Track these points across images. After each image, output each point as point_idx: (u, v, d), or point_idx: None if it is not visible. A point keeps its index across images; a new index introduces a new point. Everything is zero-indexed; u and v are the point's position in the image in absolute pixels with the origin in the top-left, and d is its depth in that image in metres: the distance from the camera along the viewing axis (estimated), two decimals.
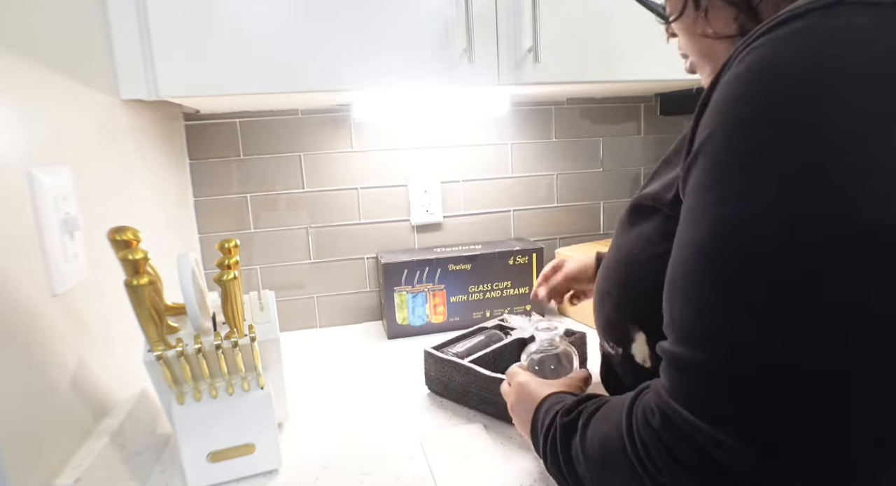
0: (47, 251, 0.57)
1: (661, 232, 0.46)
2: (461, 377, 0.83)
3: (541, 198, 1.34)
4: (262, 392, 0.68)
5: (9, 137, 0.53)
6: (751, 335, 0.31)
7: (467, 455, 0.71)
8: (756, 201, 0.31)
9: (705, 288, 0.34)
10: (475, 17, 0.87)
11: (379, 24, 0.85)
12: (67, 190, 0.62)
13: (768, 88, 0.32)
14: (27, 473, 0.50)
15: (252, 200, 1.18)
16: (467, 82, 0.89)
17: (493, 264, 1.18)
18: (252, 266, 1.20)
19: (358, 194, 1.23)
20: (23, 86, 0.57)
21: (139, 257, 0.60)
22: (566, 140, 1.32)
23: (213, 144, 1.14)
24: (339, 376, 0.99)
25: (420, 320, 1.17)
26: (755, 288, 0.31)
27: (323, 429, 0.80)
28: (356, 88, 0.86)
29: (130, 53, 0.78)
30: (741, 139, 0.33)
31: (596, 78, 0.95)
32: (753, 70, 0.33)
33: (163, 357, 0.62)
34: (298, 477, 0.69)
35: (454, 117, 1.25)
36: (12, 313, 0.51)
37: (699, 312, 0.34)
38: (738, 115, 0.33)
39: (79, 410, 0.61)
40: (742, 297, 0.32)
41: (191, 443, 0.66)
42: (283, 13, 0.81)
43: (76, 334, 0.62)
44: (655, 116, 1.36)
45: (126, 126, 0.83)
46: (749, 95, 0.33)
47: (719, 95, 0.35)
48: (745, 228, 0.32)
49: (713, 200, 0.34)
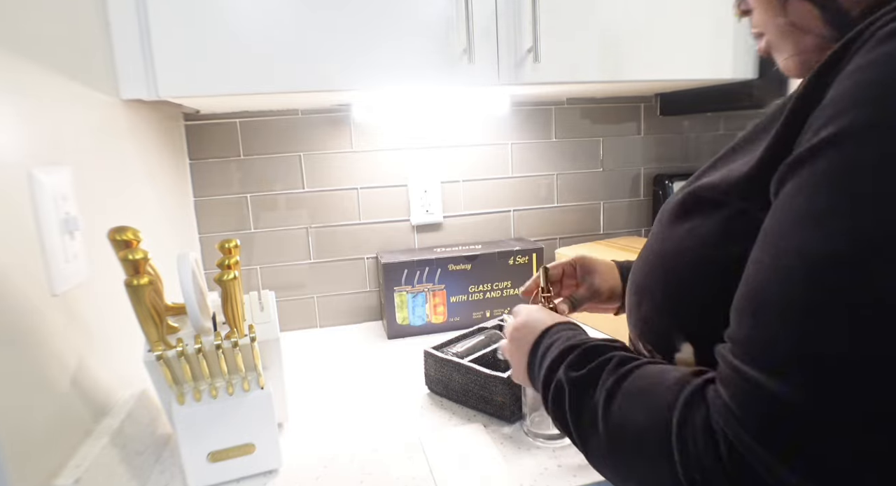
0: (47, 251, 0.57)
1: (721, 231, 0.40)
2: (461, 377, 0.83)
3: (541, 198, 1.34)
4: (262, 392, 0.68)
5: (9, 137, 0.53)
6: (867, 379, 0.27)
7: (467, 455, 0.71)
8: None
9: (818, 314, 0.29)
10: (475, 18, 0.87)
11: (379, 24, 0.85)
12: (67, 190, 0.62)
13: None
14: (27, 473, 0.50)
15: (252, 200, 1.18)
16: (467, 82, 0.89)
17: (493, 264, 1.18)
18: (252, 266, 1.20)
19: (358, 194, 1.23)
20: (23, 86, 0.57)
21: (139, 257, 0.60)
22: (566, 140, 1.32)
23: (213, 144, 1.14)
24: (339, 377, 0.99)
25: (420, 320, 1.17)
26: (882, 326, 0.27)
27: (323, 429, 0.80)
28: (356, 88, 0.86)
29: (130, 53, 0.78)
30: (879, 149, 0.28)
31: (596, 78, 0.95)
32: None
33: (163, 357, 0.62)
34: (298, 477, 0.69)
35: (454, 117, 1.25)
36: (12, 313, 0.51)
37: (803, 339, 0.29)
38: (875, 118, 0.29)
39: (79, 410, 0.61)
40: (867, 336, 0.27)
41: (191, 443, 0.66)
42: (282, 13, 0.81)
43: (76, 334, 0.62)
44: (655, 116, 1.37)
45: (126, 126, 0.83)
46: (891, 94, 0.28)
47: (849, 85, 0.30)
48: (878, 253, 0.27)
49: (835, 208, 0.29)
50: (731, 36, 1.00)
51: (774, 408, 0.30)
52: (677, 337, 0.43)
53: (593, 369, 0.43)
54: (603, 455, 0.41)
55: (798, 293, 0.30)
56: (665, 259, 0.45)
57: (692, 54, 0.99)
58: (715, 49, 1.00)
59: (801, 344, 0.29)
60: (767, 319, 0.31)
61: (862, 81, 0.30)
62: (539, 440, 0.73)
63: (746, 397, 0.31)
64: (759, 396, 0.30)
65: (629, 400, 0.39)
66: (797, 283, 0.30)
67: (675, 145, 1.40)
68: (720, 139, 1.43)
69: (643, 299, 0.47)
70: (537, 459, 0.70)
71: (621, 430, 0.38)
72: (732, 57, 1.01)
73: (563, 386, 0.44)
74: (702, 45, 0.99)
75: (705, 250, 0.41)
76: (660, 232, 0.46)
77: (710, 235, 0.41)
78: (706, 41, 0.99)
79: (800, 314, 0.29)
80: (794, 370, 0.29)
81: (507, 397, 0.77)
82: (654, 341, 0.46)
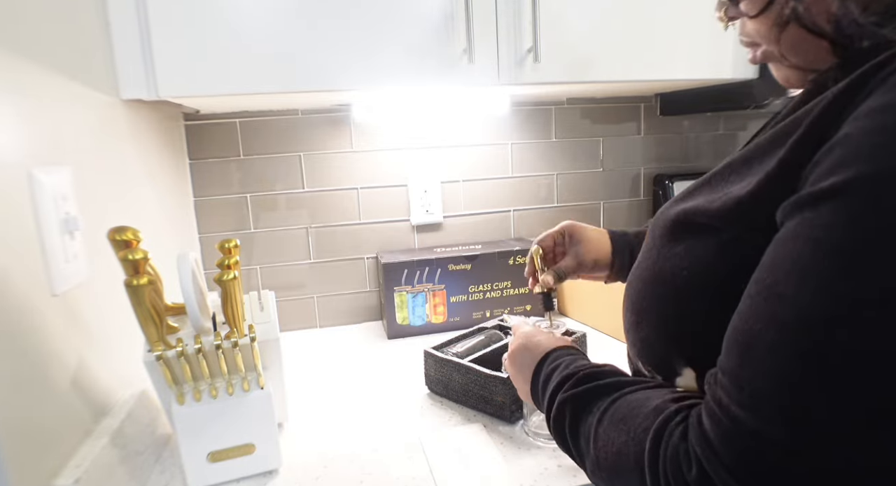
0: (47, 251, 0.57)
1: (716, 256, 0.39)
2: (461, 377, 0.83)
3: (541, 198, 1.34)
4: (262, 392, 0.68)
5: (9, 137, 0.53)
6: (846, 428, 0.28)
7: (467, 455, 0.71)
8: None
9: (803, 366, 0.29)
10: (475, 17, 0.87)
11: (379, 23, 0.85)
12: (67, 190, 0.62)
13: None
14: (27, 473, 0.50)
15: (252, 200, 1.18)
16: (467, 82, 0.89)
17: (493, 264, 1.18)
18: (252, 266, 1.20)
19: (358, 194, 1.23)
20: (23, 86, 0.57)
21: (139, 257, 0.60)
22: (566, 140, 1.32)
23: (213, 144, 1.14)
24: (339, 377, 0.99)
25: (420, 320, 1.17)
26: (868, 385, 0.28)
27: (323, 429, 0.80)
28: (356, 88, 0.86)
29: (130, 53, 0.78)
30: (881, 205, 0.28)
31: (596, 78, 0.95)
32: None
33: (163, 357, 0.62)
34: (298, 477, 0.69)
35: (454, 117, 1.25)
36: (12, 313, 0.51)
37: (790, 388, 0.30)
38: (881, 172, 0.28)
39: (79, 410, 0.61)
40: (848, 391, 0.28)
41: (191, 443, 0.66)
42: (282, 13, 0.81)
43: (76, 334, 0.62)
44: (655, 116, 1.37)
45: (126, 126, 0.83)
46: None
47: (861, 127, 0.30)
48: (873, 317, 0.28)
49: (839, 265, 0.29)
50: (731, 36, 0.99)
51: (752, 445, 0.31)
52: (677, 362, 0.43)
53: (587, 398, 0.46)
54: (594, 472, 0.44)
55: (787, 344, 0.30)
56: (660, 282, 0.44)
57: (692, 54, 0.99)
58: (715, 49, 1.00)
59: (785, 393, 0.30)
60: (755, 360, 0.32)
61: (876, 128, 0.29)
62: (539, 440, 0.73)
63: (726, 430, 0.32)
64: (739, 432, 0.31)
65: (613, 425, 0.42)
66: (787, 334, 0.30)
67: (675, 145, 1.40)
68: (720, 139, 1.43)
69: (642, 320, 0.47)
70: (537, 459, 0.70)
71: (605, 452, 0.41)
72: (732, 57, 1.01)
73: (564, 412, 0.47)
74: (702, 45, 0.99)
75: (700, 276, 0.40)
76: (654, 249, 0.46)
77: (705, 258, 0.40)
78: (706, 41, 0.99)
79: (787, 364, 0.30)
80: (776, 415, 0.30)
81: (507, 397, 0.77)
82: (654, 364, 0.47)
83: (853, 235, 0.29)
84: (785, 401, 0.30)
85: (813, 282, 0.30)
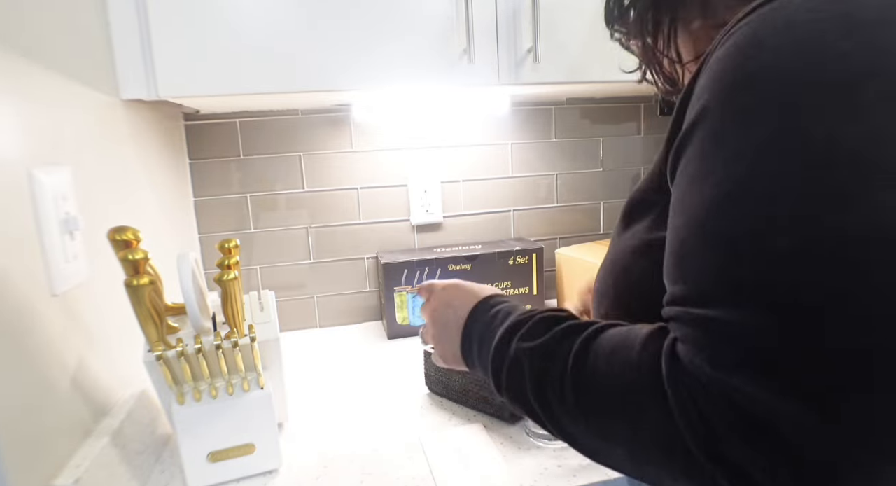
0: (47, 251, 0.57)
1: (652, 225, 0.44)
2: (461, 377, 0.83)
3: (541, 198, 1.34)
4: (262, 392, 0.68)
5: (9, 137, 0.53)
6: (786, 285, 0.30)
7: (467, 455, 0.71)
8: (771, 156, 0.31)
9: (730, 242, 0.32)
10: (475, 18, 0.87)
11: (379, 23, 0.85)
12: (67, 190, 0.62)
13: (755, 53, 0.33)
14: (27, 473, 0.50)
15: (252, 200, 1.18)
16: (467, 82, 0.89)
17: (493, 264, 1.18)
18: (252, 266, 1.20)
19: (358, 194, 1.23)
20: (23, 86, 0.57)
21: (139, 257, 0.60)
22: (566, 140, 1.32)
23: (213, 144, 1.14)
24: (339, 377, 0.99)
25: (420, 320, 1.17)
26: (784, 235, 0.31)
27: (323, 429, 0.80)
28: (356, 88, 0.86)
29: (130, 53, 0.78)
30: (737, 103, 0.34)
31: (596, 78, 0.95)
32: (738, 46, 0.34)
33: (163, 357, 0.62)
34: (298, 477, 0.69)
35: (454, 117, 1.25)
36: (12, 313, 0.51)
37: (727, 268, 0.32)
38: (727, 84, 0.34)
39: (79, 410, 0.61)
40: (772, 245, 0.31)
41: (191, 443, 0.66)
42: (282, 13, 0.81)
43: (76, 334, 0.62)
44: (655, 116, 1.36)
45: (126, 126, 0.83)
46: (735, 66, 0.34)
47: (706, 78, 0.36)
48: (761, 180, 0.32)
49: (726, 158, 0.33)
50: None
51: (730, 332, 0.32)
52: None
53: (552, 339, 0.42)
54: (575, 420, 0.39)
55: (709, 233, 0.34)
56: (615, 263, 0.48)
57: None
58: None
59: (725, 271, 0.32)
60: (691, 265, 0.34)
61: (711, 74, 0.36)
62: (540, 440, 0.73)
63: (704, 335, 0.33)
64: (713, 329, 0.32)
65: (603, 361, 0.38)
66: (706, 227, 0.34)
67: None
68: None
69: (602, 299, 0.49)
70: (537, 459, 0.70)
71: (597, 391, 0.38)
72: None
73: (521, 363, 0.43)
74: None
75: (642, 246, 0.44)
76: (614, 238, 0.50)
77: (645, 230, 0.45)
78: None
79: (716, 248, 0.33)
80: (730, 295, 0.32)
81: None
82: None
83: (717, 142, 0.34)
84: (729, 276, 0.32)
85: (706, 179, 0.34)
